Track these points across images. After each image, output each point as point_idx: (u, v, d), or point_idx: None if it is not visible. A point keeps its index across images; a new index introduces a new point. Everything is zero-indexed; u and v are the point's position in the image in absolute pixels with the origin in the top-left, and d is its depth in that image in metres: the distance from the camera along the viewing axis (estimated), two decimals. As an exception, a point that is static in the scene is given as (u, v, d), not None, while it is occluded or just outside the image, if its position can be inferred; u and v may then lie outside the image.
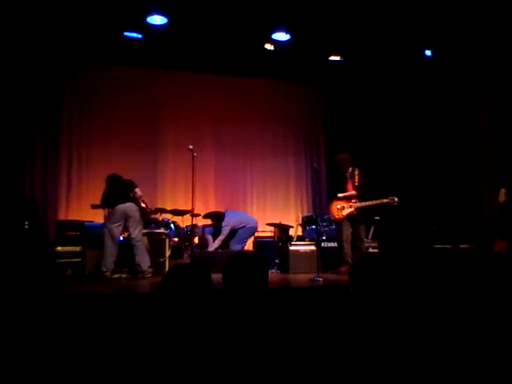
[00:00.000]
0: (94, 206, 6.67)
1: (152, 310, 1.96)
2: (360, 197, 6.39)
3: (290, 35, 7.33)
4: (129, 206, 6.18)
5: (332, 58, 8.41)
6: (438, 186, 7.61)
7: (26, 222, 6.61)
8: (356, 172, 6.44)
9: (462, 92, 7.38)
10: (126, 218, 6.15)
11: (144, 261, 6.19)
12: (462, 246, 6.20)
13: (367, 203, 6.34)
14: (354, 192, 6.39)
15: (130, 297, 4.50)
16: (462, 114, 7.38)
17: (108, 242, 6.04)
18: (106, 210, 6.33)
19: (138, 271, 6.16)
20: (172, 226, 7.74)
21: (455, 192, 7.29)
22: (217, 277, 2.01)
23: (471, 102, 7.21)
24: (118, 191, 6.26)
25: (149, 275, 6.08)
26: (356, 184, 6.39)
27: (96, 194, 8.02)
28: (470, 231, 6.56)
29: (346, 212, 6.32)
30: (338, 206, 6.36)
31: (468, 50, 7.25)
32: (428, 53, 7.78)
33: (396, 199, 6.22)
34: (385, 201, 6.28)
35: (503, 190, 5.64)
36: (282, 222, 8.47)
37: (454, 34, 7.16)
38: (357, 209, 6.31)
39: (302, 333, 1.81)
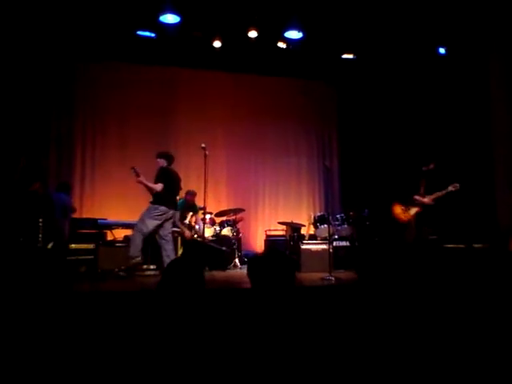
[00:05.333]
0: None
1: (152, 306, 1.98)
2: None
3: (303, 33, 7.31)
4: (175, 214, 6.33)
5: (345, 56, 8.39)
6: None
7: (41, 220, 6.66)
8: None
9: (475, 90, 7.30)
10: (166, 220, 6.12)
11: (170, 260, 6.15)
12: (475, 245, 6.14)
13: (433, 196, 6.30)
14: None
15: (140, 294, 4.52)
16: (475, 113, 7.31)
17: (139, 232, 5.98)
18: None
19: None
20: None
21: (469, 191, 7.22)
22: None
23: (484, 101, 7.13)
24: (174, 193, 6.30)
25: None
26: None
27: (109, 191, 8.13)
28: (484, 230, 6.50)
29: (413, 211, 6.28)
30: (403, 208, 6.32)
31: (481, 47, 7.18)
32: (442, 50, 7.71)
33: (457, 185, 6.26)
34: (449, 189, 6.28)
35: (517, 189, 5.58)
36: (294, 221, 8.45)
37: (468, 31, 7.08)
38: (422, 205, 6.27)
39: (312, 332, 1.81)
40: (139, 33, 7.53)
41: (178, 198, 6.66)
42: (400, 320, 1.82)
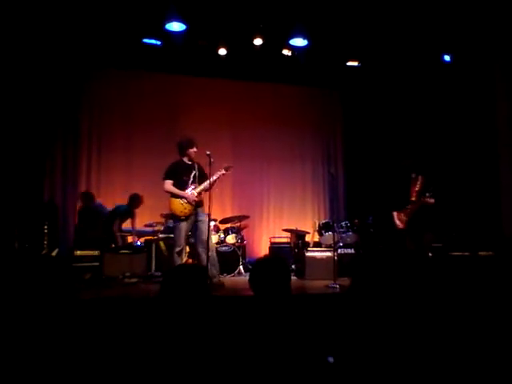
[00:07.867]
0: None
1: (154, 312, 1.98)
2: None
3: (308, 41, 7.34)
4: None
5: (350, 63, 8.41)
6: (457, 193, 7.52)
7: (46, 226, 6.68)
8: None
9: (481, 98, 7.30)
10: None
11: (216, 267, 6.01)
12: (481, 253, 6.10)
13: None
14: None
15: (145, 301, 4.51)
16: (481, 121, 7.30)
17: None
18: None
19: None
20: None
21: (474, 198, 7.20)
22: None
23: (490, 108, 7.12)
24: None
25: None
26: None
27: (114, 198, 8.14)
28: (489, 238, 6.47)
29: (405, 218, 6.10)
30: (398, 214, 6.15)
31: (486, 54, 7.17)
32: (447, 58, 7.71)
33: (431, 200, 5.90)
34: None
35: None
36: (299, 228, 8.45)
37: (472, 38, 7.09)
38: (407, 215, 6.04)
39: (315, 339, 1.81)
40: (145, 41, 7.58)
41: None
42: (397, 327, 1.81)
